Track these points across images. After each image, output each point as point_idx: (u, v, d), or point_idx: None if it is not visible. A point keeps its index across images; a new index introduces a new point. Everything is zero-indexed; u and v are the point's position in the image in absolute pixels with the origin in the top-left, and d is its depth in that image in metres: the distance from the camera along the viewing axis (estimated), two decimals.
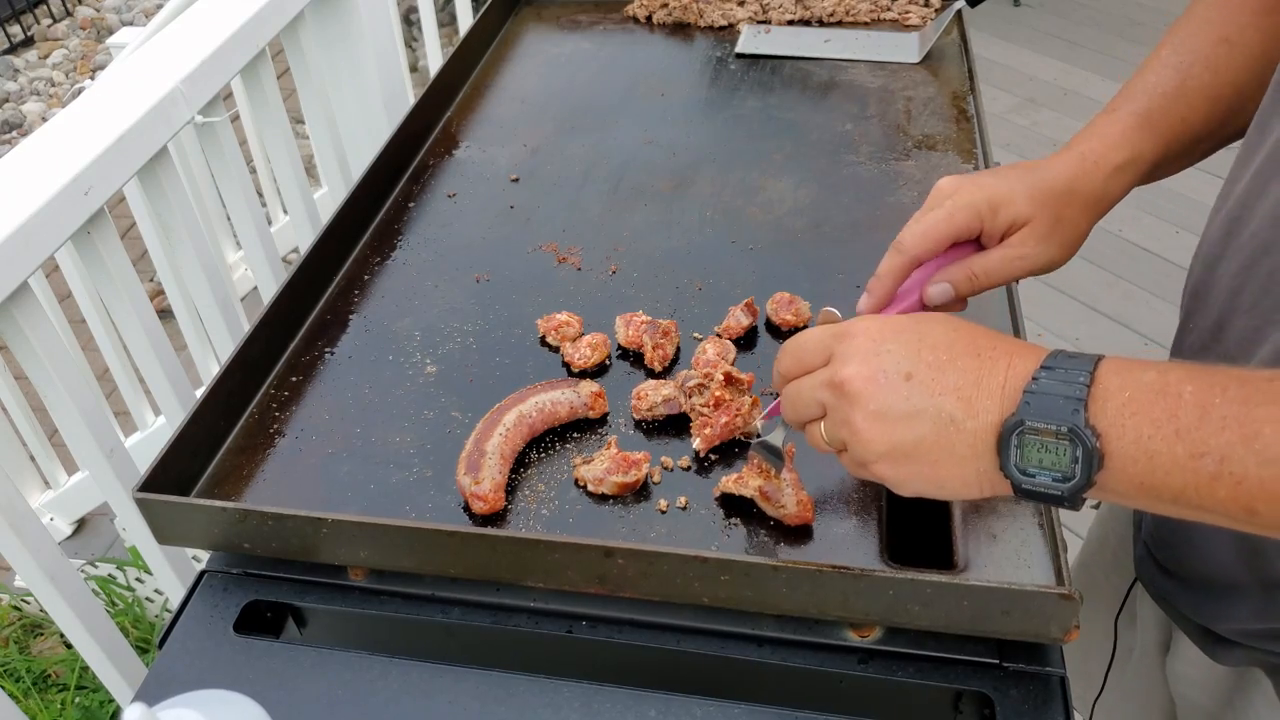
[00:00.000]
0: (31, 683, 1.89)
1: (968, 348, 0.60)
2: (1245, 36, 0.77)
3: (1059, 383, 0.55)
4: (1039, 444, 0.55)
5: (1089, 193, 0.77)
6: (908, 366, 0.60)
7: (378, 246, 1.14)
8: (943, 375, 0.59)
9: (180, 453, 0.84)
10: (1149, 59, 0.81)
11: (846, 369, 0.62)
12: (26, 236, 1.06)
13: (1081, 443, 0.54)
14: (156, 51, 1.34)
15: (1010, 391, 0.57)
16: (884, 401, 0.60)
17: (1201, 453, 0.50)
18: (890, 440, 0.60)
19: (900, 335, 0.62)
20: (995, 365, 0.58)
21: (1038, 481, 0.56)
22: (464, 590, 0.78)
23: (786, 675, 0.74)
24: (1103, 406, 0.54)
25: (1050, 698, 0.69)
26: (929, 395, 0.59)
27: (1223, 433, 0.50)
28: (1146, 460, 0.52)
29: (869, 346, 0.62)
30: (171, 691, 0.69)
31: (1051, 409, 0.55)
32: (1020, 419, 0.56)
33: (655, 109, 1.38)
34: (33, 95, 4.50)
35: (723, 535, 0.79)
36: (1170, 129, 0.78)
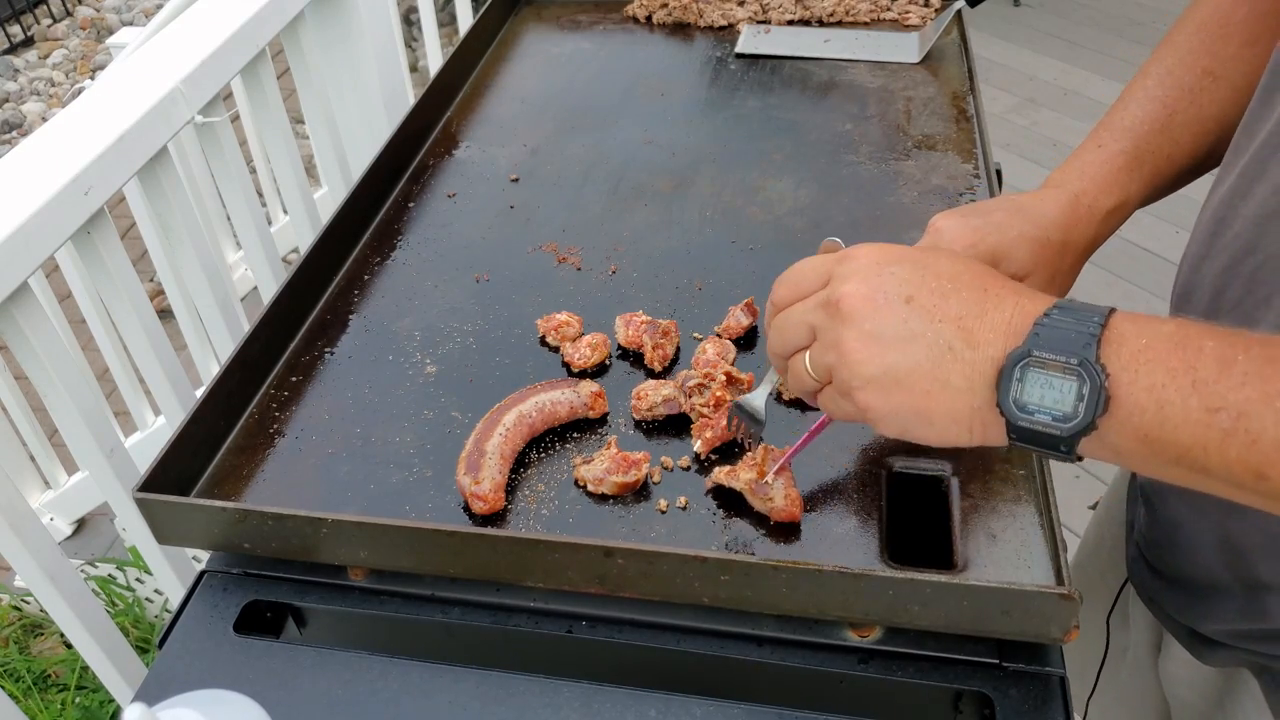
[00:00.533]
0: (31, 683, 1.89)
1: (974, 280, 0.57)
2: (1229, 69, 0.77)
3: (1072, 319, 0.53)
4: (1044, 380, 0.52)
5: (1082, 241, 0.77)
6: (909, 290, 0.57)
7: (378, 246, 1.14)
8: (945, 302, 0.56)
9: (180, 453, 0.84)
10: (1135, 86, 0.81)
11: (845, 286, 0.58)
12: (26, 236, 1.06)
13: (1090, 378, 0.51)
14: (156, 51, 1.34)
15: (1016, 327, 0.54)
16: (880, 322, 0.57)
17: (1218, 407, 0.48)
18: (881, 363, 0.57)
19: (905, 260, 0.59)
20: (1002, 301, 0.56)
21: (1036, 420, 0.53)
22: (464, 590, 0.78)
23: (786, 675, 0.74)
24: (1117, 350, 0.51)
25: (1050, 698, 0.69)
26: (929, 321, 0.56)
27: (1243, 388, 0.48)
28: (1156, 410, 0.50)
29: (870, 267, 0.59)
30: (171, 691, 0.69)
31: (1062, 341, 0.52)
32: (1028, 349, 0.53)
33: (655, 109, 1.38)
34: (33, 95, 4.50)
35: (723, 535, 0.79)
36: (1156, 168, 0.78)
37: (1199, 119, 0.78)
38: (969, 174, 1.18)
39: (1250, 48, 0.77)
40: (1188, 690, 0.88)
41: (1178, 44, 0.80)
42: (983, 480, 0.80)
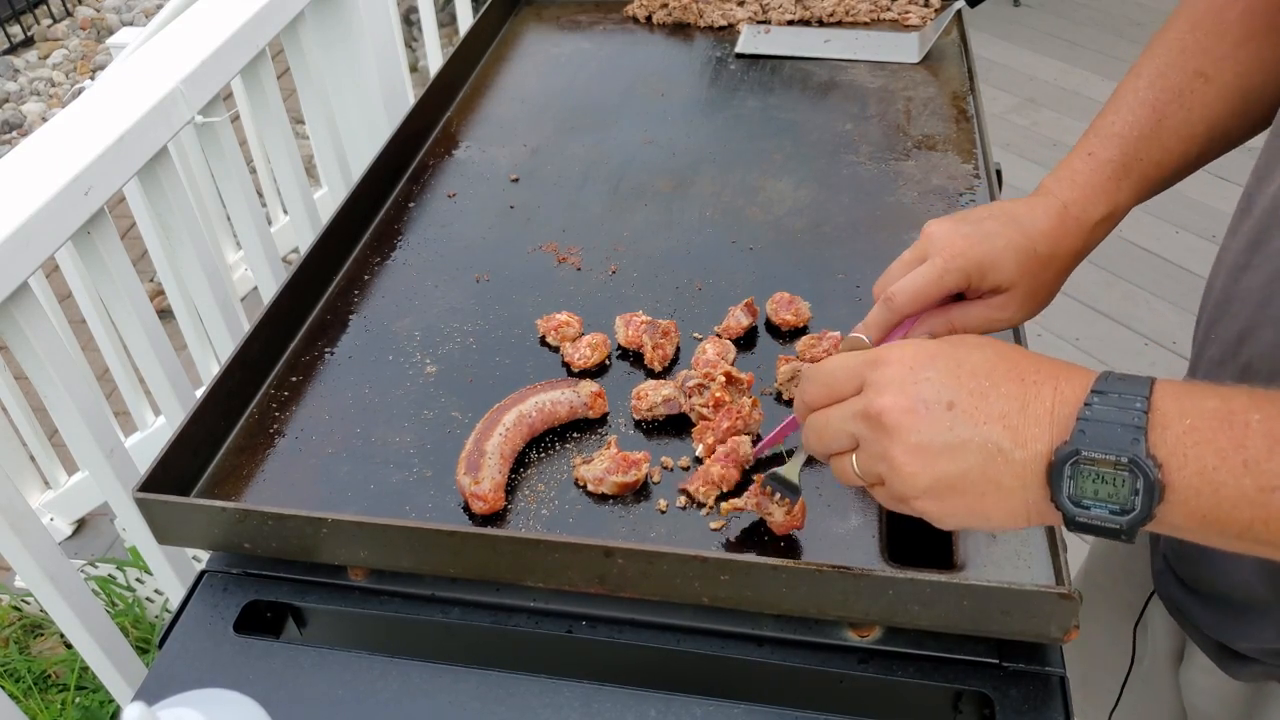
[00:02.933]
0: (32, 683, 1.89)
1: (1010, 372, 0.57)
2: (1221, 70, 0.76)
3: (1114, 409, 0.52)
4: (1095, 474, 0.52)
5: (1069, 253, 0.77)
6: (949, 395, 0.57)
7: (378, 246, 1.14)
8: (986, 403, 0.56)
9: (180, 453, 0.84)
10: (1126, 88, 0.80)
11: (883, 398, 0.58)
12: (27, 236, 1.06)
13: (1143, 474, 0.51)
14: (156, 52, 1.34)
15: (1060, 418, 0.54)
16: (926, 433, 0.56)
17: (1274, 486, 0.48)
18: (933, 474, 0.57)
19: (937, 361, 0.59)
20: (1041, 390, 0.55)
21: (1093, 514, 0.53)
22: (464, 590, 0.78)
23: (786, 675, 0.74)
24: (1162, 435, 0.51)
25: (1050, 697, 0.69)
26: (973, 425, 0.56)
27: None
28: (1211, 493, 0.50)
29: (906, 375, 0.58)
30: (171, 691, 0.69)
31: (1109, 438, 0.52)
32: (1075, 448, 0.53)
33: (655, 109, 1.38)
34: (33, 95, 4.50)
35: (722, 535, 0.79)
36: (1145, 175, 0.78)
37: (1188, 123, 0.77)
38: (969, 174, 1.18)
39: (1242, 47, 0.76)
40: (1209, 700, 0.87)
41: (1170, 42, 0.79)
42: None
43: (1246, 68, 0.76)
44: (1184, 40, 0.78)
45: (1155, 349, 2.63)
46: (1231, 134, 0.79)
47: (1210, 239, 2.89)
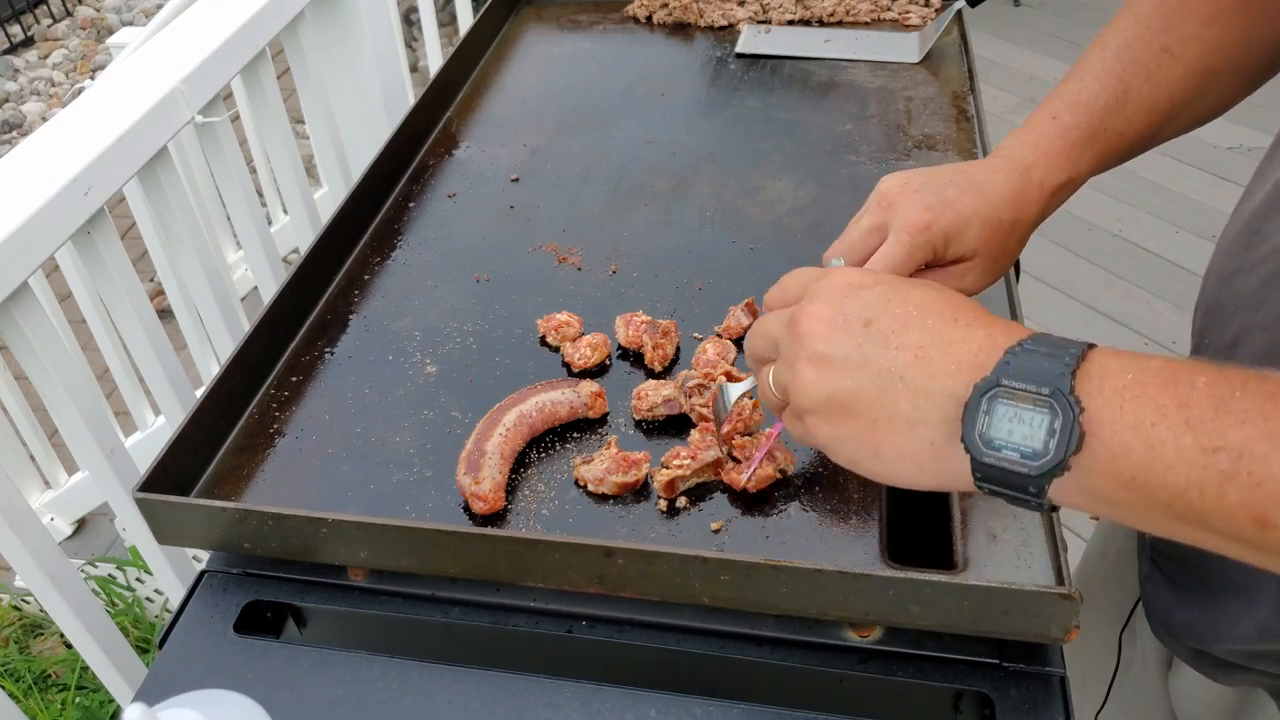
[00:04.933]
0: (32, 682, 1.89)
1: (945, 310, 0.54)
2: (1186, 47, 0.77)
3: (1046, 349, 0.49)
4: (1012, 412, 0.48)
5: (1030, 219, 0.77)
6: (870, 313, 0.54)
7: (378, 246, 1.14)
8: (905, 330, 0.53)
9: (180, 453, 0.84)
10: (1092, 56, 0.80)
11: (810, 305, 0.57)
12: (26, 236, 1.06)
13: (1062, 411, 0.47)
14: (156, 51, 1.34)
15: (985, 359, 0.51)
16: (834, 345, 0.54)
17: (1216, 446, 0.44)
18: (829, 388, 0.54)
19: (880, 285, 0.56)
20: (973, 333, 0.52)
21: (1003, 456, 0.48)
22: (464, 590, 0.78)
23: (786, 675, 0.74)
24: (1099, 385, 0.47)
25: (1050, 698, 0.69)
26: (883, 347, 0.53)
27: (1243, 426, 0.43)
28: (1146, 450, 0.45)
29: (842, 288, 0.57)
30: (171, 691, 0.69)
31: (1034, 371, 0.48)
32: (996, 378, 0.49)
33: (655, 109, 1.38)
34: (33, 95, 4.50)
35: (723, 535, 0.79)
36: (1108, 145, 0.78)
37: (1153, 98, 0.77)
38: None
39: (1207, 26, 0.76)
40: (1198, 707, 0.87)
41: (1138, 16, 0.79)
42: None
43: (1210, 46, 0.76)
44: (1151, 15, 0.78)
45: (1155, 349, 2.64)
46: (1193, 113, 0.80)
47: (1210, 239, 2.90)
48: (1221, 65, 0.77)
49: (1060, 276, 2.90)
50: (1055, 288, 2.86)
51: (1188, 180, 3.16)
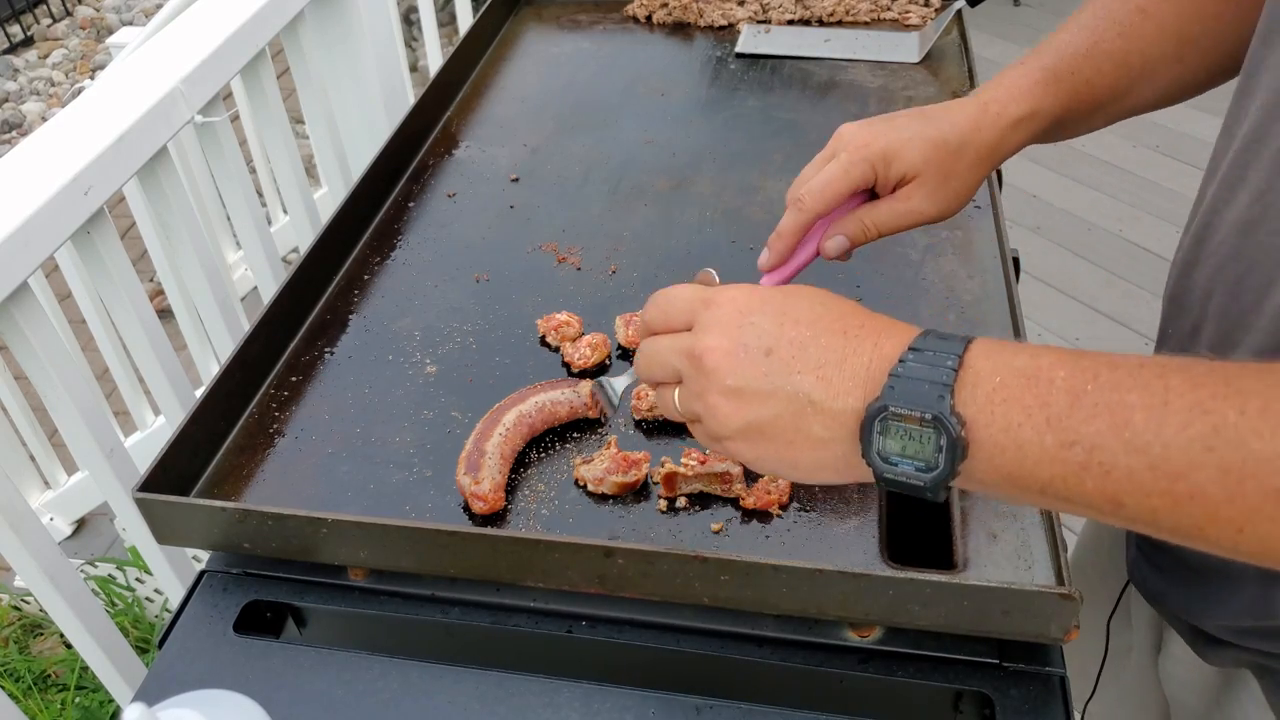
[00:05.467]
0: (31, 683, 1.89)
1: (834, 325, 0.57)
2: (1160, 8, 0.78)
3: (926, 366, 0.52)
4: (903, 431, 0.52)
5: (983, 145, 0.78)
6: (769, 342, 0.57)
7: (377, 246, 1.14)
8: (805, 353, 0.56)
9: (180, 453, 0.84)
10: (1072, 18, 0.83)
11: (707, 339, 0.59)
12: (26, 236, 1.06)
13: (946, 431, 0.51)
14: (156, 51, 1.34)
15: (875, 374, 0.54)
16: (742, 377, 0.57)
17: (1071, 441, 0.48)
18: (745, 418, 0.57)
19: (766, 307, 0.59)
20: (861, 345, 0.56)
21: (900, 470, 0.53)
22: (464, 590, 0.78)
23: (786, 675, 0.74)
24: (972, 393, 0.51)
25: (1050, 698, 0.69)
26: (788, 374, 0.56)
27: (1093, 420, 0.48)
28: (1015, 450, 0.50)
29: (733, 318, 0.59)
30: (171, 691, 0.69)
31: (916, 394, 0.52)
32: (884, 404, 0.53)
33: (655, 109, 1.38)
34: (32, 95, 4.50)
35: (723, 535, 0.79)
36: (1074, 89, 0.79)
37: (1124, 50, 0.79)
38: None
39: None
40: (1186, 691, 0.88)
41: None
42: None
43: (1186, 12, 0.78)
44: None
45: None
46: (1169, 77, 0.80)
47: None
48: (1195, 32, 0.78)
49: (1060, 276, 2.90)
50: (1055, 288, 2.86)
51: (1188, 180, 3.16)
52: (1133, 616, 0.97)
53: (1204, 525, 0.46)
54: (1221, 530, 0.46)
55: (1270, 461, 0.43)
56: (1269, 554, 0.46)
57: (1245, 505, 0.44)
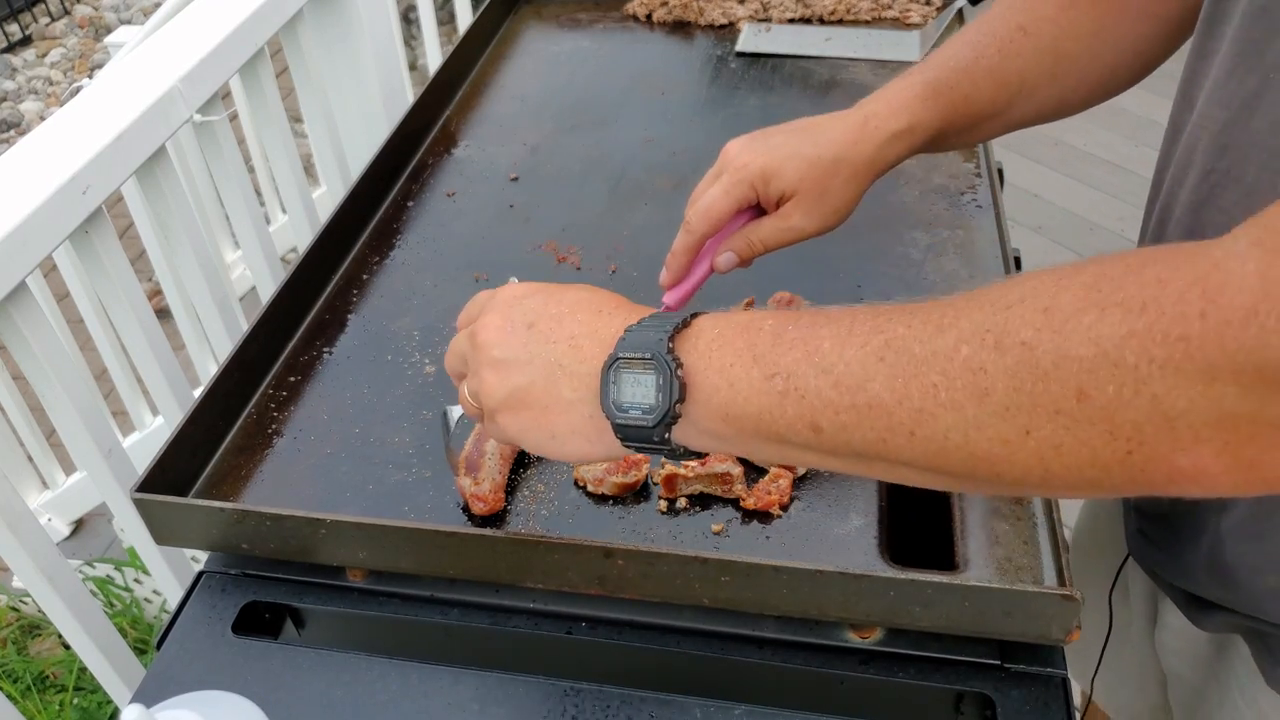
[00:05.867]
0: (30, 683, 1.89)
1: (592, 306, 0.62)
2: (1041, 28, 0.81)
3: (655, 322, 0.58)
4: (632, 378, 0.56)
5: (860, 159, 0.80)
6: (532, 317, 0.62)
7: (376, 246, 1.14)
8: (560, 326, 0.61)
9: (178, 453, 0.84)
10: (956, 34, 0.85)
11: (484, 318, 0.64)
12: (24, 236, 1.06)
13: (662, 369, 0.55)
14: (154, 50, 1.33)
15: (616, 338, 0.59)
16: (506, 349, 0.62)
17: (773, 373, 0.53)
18: (508, 386, 0.61)
19: (540, 293, 0.64)
20: (612, 320, 0.60)
21: (630, 415, 0.57)
22: (463, 591, 0.78)
23: (787, 676, 0.73)
24: (693, 343, 0.56)
25: (1052, 699, 0.69)
26: (545, 343, 0.61)
27: (790, 351, 0.52)
28: (728, 388, 0.54)
29: (510, 300, 0.64)
30: (169, 692, 0.69)
31: (641, 342, 0.57)
32: (615, 354, 0.57)
33: (655, 107, 1.37)
34: (30, 94, 4.49)
35: (723, 536, 0.78)
36: (953, 103, 0.81)
37: (1002, 68, 0.81)
38: (970, 173, 1.18)
39: (1065, 11, 0.81)
40: (1180, 662, 0.89)
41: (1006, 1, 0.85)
42: None
43: (1064, 31, 0.81)
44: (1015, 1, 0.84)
45: None
46: (1048, 94, 0.83)
47: None
48: (1074, 50, 0.81)
49: None
50: None
51: None
52: (1130, 590, 0.98)
53: (885, 435, 0.49)
54: (898, 438, 0.49)
55: (926, 361, 0.47)
56: (939, 460, 0.49)
57: (911, 406, 0.48)
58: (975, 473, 0.49)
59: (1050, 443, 0.45)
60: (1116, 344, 0.42)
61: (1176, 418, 0.42)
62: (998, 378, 0.45)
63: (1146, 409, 0.42)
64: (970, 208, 1.12)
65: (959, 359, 0.47)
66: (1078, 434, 0.44)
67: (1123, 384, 0.42)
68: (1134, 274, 0.43)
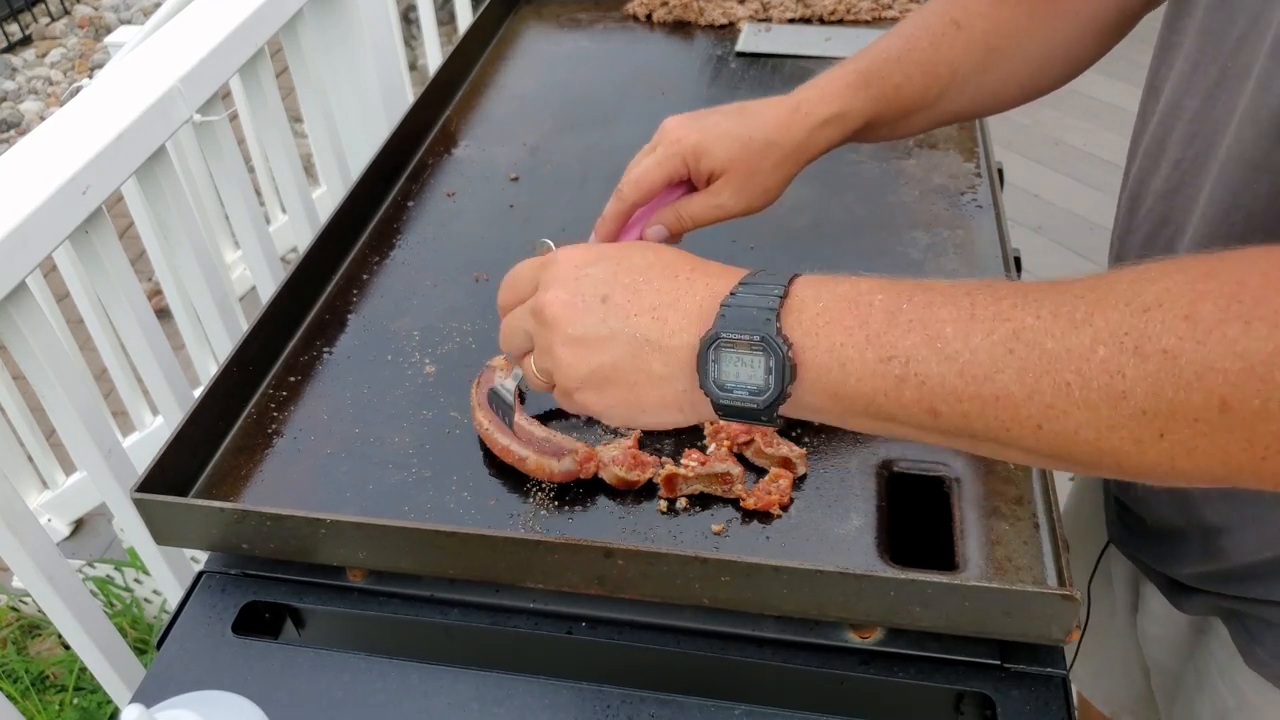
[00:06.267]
0: (30, 683, 1.89)
1: (665, 270, 0.60)
2: (972, 22, 0.83)
3: (755, 296, 0.56)
4: (735, 357, 0.55)
5: (789, 144, 0.82)
6: (604, 290, 0.60)
7: (376, 245, 1.14)
8: (639, 297, 0.59)
9: (178, 453, 0.84)
10: (894, 27, 0.88)
11: (548, 294, 0.61)
12: (24, 236, 1.06)
13: (774, 352, 0.54)
14: (154, 50, 1.33)
15: (707, 309, 0.57)
16: (581, 326, 0.59)
17: (890, 356, 0.52)
18: (589, 365, 0.59)
19: (601, 261, 0.62)
20: (693, 286, 0.59)
21: (734, 396, 0.56)
22: (463, 591, 0.78)
23: (787, 676, 0.73)
24: (798, 318, 0.55)
25: (1052, 699, 0.69)
26: (624, 317, 0.58)
27: (909, 335, 0.51)
28: (839, 368, 0.53)
29: (570, 272, 0.62)
30: (169, 692, 0.69)
31: (746, 321, 0.55)
32: (716, 333, 0.56)
33: (655, 108, 1.37)
34: (30, 94, 4.49)
35: (723, 536, 0.78)
36: (883, 92, 0.83)
37: (933, 59, 0.83)
38: (970, 173, 1.18)
39: (996, 8, 0.83)
40: (1162, 650, 0.90)
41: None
42: (984, 480, 0.80)
43: (995, 26, 0.83)
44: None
45: None
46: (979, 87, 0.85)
47: None
48: (1005, 46, 0.83)
49: (1061, 272, 2.90)
50: None
51: None
52: (1113, 579, 0.99)
53: (1009, 425, 0.49)
54: (1024, 429, 0.49)
55: (1060, 358, 0.47)
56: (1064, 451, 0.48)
57: (1041, 401, 0.48)
58: (1099, 464, 0.49)
59: (1185, 446, 0.45)
60: (1264, 360, 0.42)
61: None
62: (1137, 383, 0.45)
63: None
64: (970, 208, 1.12)
65: (1095, 359, 0.46)
66: (1215, 440, 0.44)
67: (1268, 399, 0.42)
68: (1273, 287, 0.43)
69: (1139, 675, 1.01)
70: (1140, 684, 1.01)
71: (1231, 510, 0.72)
